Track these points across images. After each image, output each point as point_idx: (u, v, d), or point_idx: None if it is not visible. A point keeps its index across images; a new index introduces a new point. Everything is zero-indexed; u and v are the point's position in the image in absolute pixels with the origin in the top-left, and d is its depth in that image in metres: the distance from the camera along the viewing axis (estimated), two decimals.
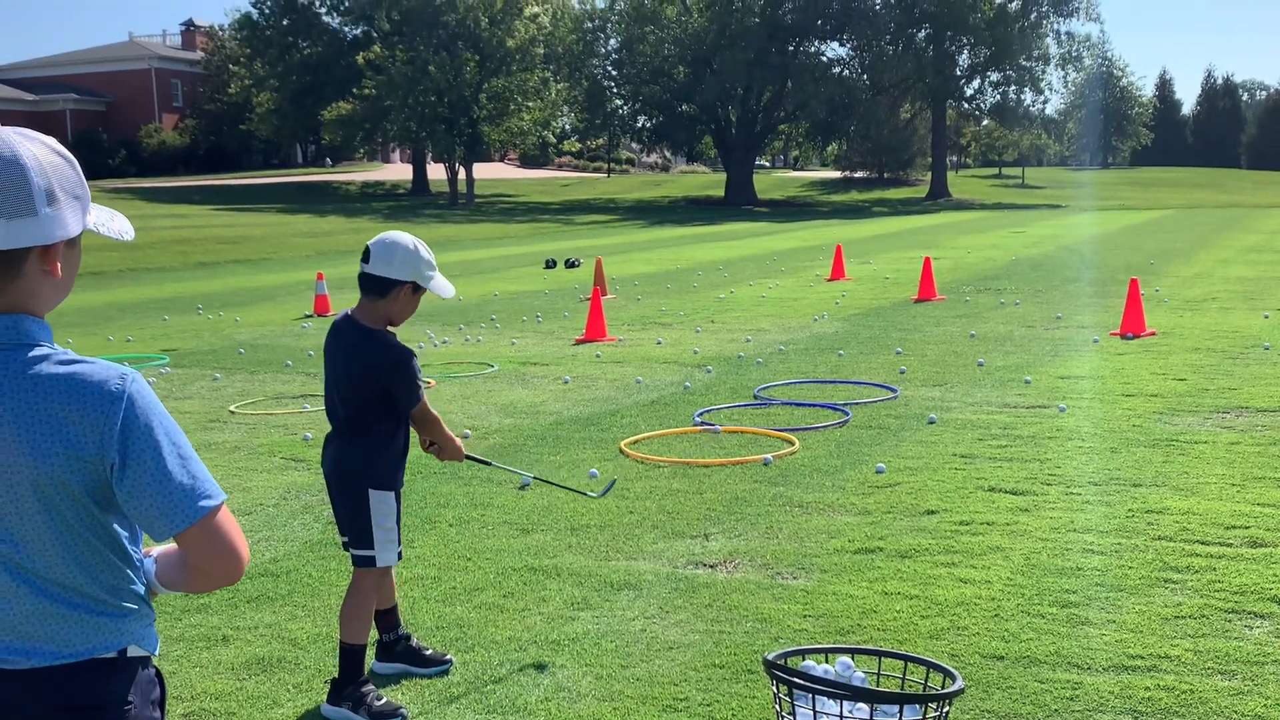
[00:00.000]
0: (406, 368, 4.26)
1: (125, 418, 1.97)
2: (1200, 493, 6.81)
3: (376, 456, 4.32)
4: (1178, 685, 4.31)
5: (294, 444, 8.87)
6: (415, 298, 4.34)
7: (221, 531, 2.04)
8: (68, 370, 1.99)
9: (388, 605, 4.68)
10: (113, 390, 1.98)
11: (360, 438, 4.33)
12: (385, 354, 4.27)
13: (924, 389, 10.37)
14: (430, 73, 56.48)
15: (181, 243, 34.61)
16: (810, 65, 65.12)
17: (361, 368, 4.29)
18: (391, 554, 4.38)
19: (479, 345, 14.04)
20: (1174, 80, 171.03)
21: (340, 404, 4.36)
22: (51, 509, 1.99)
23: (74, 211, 2.03)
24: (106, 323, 17.56)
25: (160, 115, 74.08)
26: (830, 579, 5.58)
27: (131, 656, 2.10)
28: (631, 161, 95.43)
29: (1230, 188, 72.28)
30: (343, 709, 4.26)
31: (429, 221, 47.28)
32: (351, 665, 4.31)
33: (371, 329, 4.32)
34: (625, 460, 8.07)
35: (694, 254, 29.81)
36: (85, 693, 2.04)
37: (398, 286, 4.27)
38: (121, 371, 2.02)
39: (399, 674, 4.65)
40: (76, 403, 1.96)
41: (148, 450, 1.98)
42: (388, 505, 4.33)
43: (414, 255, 4.27)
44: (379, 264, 4.28)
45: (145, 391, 2.03)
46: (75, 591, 2.03)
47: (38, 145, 2.00)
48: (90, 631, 2.05)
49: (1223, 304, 15.99)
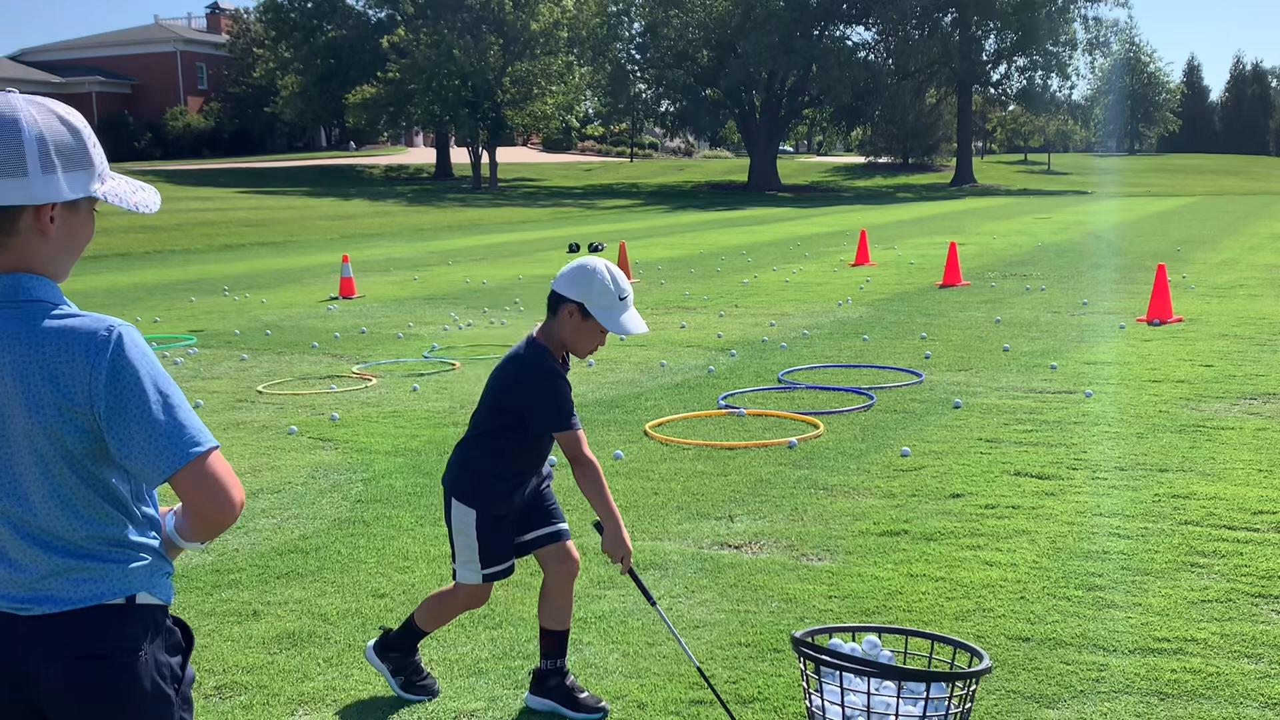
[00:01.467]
0: (545, 387, 3.95)
1: (112, 365, 2.03)
2: (1227, 478, 6.79)
3: (473, 468, 4.08)
4: (1204, 668, 4.32)
5: (322, 424, 8.93)
6: (588, 326, 3.97)
7: (212, 474, 2.07)
8: (60, 323, 2.05)
9: (560, 626, 4.22)
10: (99, 339, 2.04)
11: (469, 445, 4.13)
12: (526, 366, 4.01)
13: (949, 374, 10.35)
14: (454, 56, 56.48)
15: (206, 225, 34.78)
16: (835, 49, 64.76)
17: (506, 374, 4.08)
18: (472, 573, 4.08)
19: (504, 329, 14.09)
20: (1202, 66, 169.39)
21: (479, 412, 4.18)
22: (45, 462, 2.05)
23: (73, 177, 2.08)
24: (133, 304, 17.68)
25: (185, 98, 74.40)
26: (855, 560, 5.60)
27: (142, 604, 2.14)
28: (654, 146, 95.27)
29: (1259, 175, 71.68)
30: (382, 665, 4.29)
31: (452, 205, 47.36)
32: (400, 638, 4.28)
33: (535, 339, 4.04)
34: (650, 442, 8.10)
35: (717, 239, 29.78)
36: (92, 639, 2.08)
37: (565, 305, 3.96)
38: (110, 322, 2.07)
39: (549, 711, 4.17)
40: (66, 352, 2.03)
41: (134, 397, 2.03)
42: (467, 521, 4.05)
43: (589, 277, 3.94)
44: (559, 279, 4.03)
45: (134, 340, 2.08)
46: (77, 543, 2.09)
47: (42, 111, 2.07)
48: (96, 579, 2.09)
49: (1251, 291, 15.89)
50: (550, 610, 4.19)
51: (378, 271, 22.01)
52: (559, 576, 4.18)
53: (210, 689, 4.40)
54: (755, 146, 66.20)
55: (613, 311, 3.96)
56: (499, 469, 4.04)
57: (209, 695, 4.35)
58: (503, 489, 4.05)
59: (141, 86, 74.03)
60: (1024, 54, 68.50)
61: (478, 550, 4.07)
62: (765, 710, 4.10)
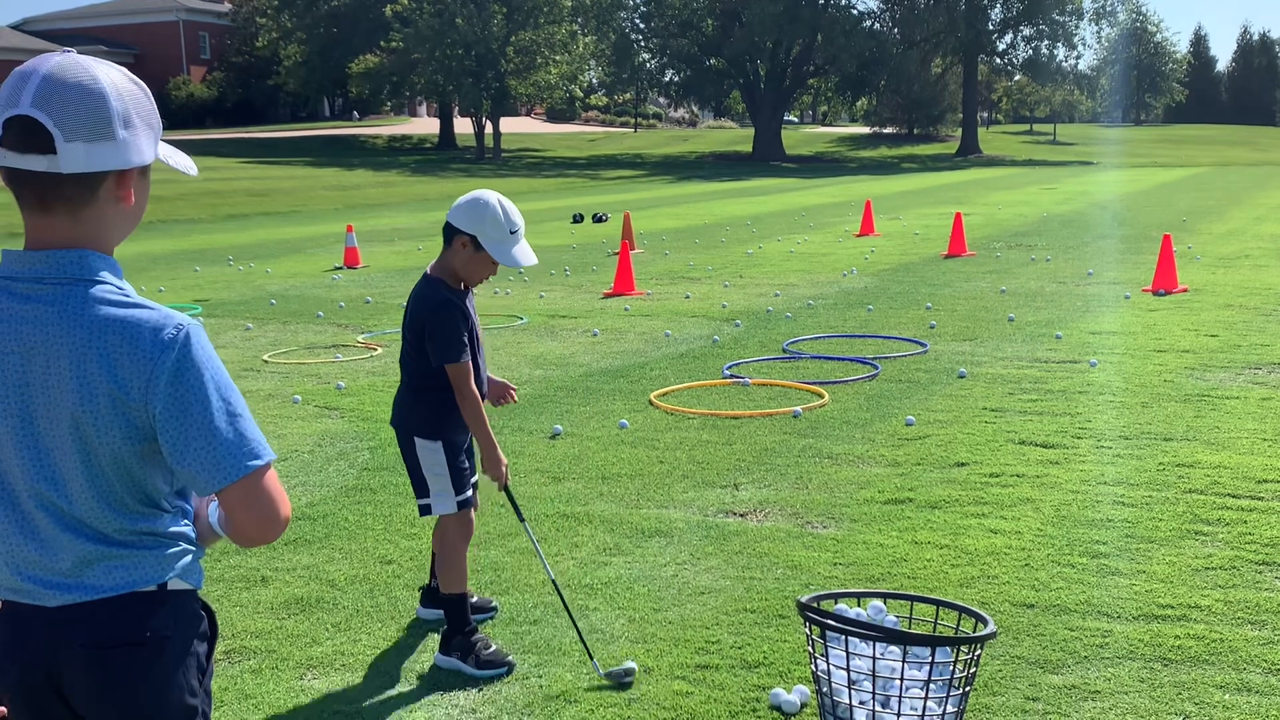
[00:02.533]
0: (436, 316, 4.17)
1: (176, 366, 1.94)
2: (1231, 447, 6.80)
3: (425, 405, 4.29)
4: (1207, 634, 4.34)
5: (328, 392, 8.95)
6: (479, 258, 4.20)
7: (264, 492, 1.99)
8: (126, 312, 1.95)
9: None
10: (166, 338, 1.94)
11: (408, 387, 4.35)
12: (423, 299, 4.23)
13: (954, 344, 10.35)
14: (458, 25, 56.16)
15: (210, 195, 34.74)
16: (841, 18, 64.34)
17: (409, 314, 4.29)
18: (447, 503, 4.30)
19: (508, 298, 14.09)
20: (1209, 37, 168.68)
21: (404, 352, 4.37)
22: (87, 452, 1.97)
23: (148, 138, 2.01)
24: (138, 273, 17.68)
25: (188, 67, 74.15)
26: (860, 528, 5.62)
27: (173, 590, 2.08)
28: (659, 116, 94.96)
29: (1265, 146, 71.36)
30: (452, 658, 4.27)
31: (456, 176, 47.27)
32: (455, 614, 4.30)
33: (431, 276, 4.27)
34: (655, 411, 8.11)
35: (722, 209, 29.72)
36: (125, 627, 2.02)
37: (458, 236, 4.20)
38: (180, 320, 1.97)
39: (439, 620, 4.63)
40: (129, 345, 1.93)
41: (195, 402, 1.94)
42: (435, 455, 4.26)
43: (482, 208, 4.17)
44: (453, 211, 4.24)
45: (201, 342, 1.98)
46: (109, 533, 2.02)
47: (115, 72, 1.99)
48: (128, 566, 2.03)
49: (1256, 261, 15.85)
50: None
51: (382, 241, 21.99)
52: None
53: (219, 654, 4.43)
54: (760, 117, 65.93)
55: (504, 244, 4.20)
56: (445, 400, 4.24)
57: (218, 660, 4.39)
58: (457, 417, 4.26)
59: (144, 56, 73.71)
60: (1030, 23, 68.11)
61: (450, 480, 4.30)
62: (771, 674, 4.13)
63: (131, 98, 1.99)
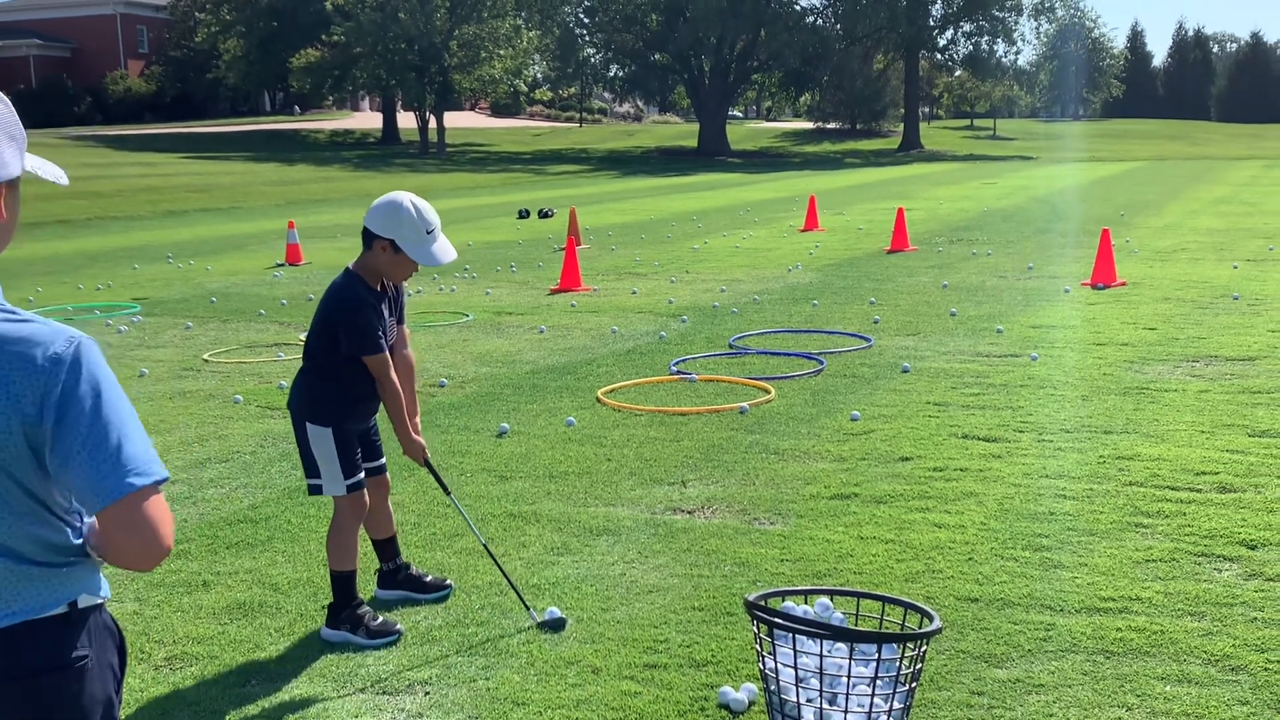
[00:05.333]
0: (350, 312, 4.36)
1: (66, 383, 1.90)
2: (1170, 439, 6.90)
3: (317, 392, 4.49)
4: (1149, 626, 4.40)
5: (270, 392, 8.85)
6: (399, 259, 4.39)
7: (143, 515, 1.91)
8: (16, 329, 1.92)
9: (385, 535, 4.89)
10: (57, 353, 1.91)
11: (308, 373, 4.55)
12: (337, 293, 4.42)
13: (898, 338, 10.43)
14: (400, 19, 55.75)
15: (149, 191, 34.22)
16: (784, 14, 64.63)
17: (322, 305, 4.49)
18: (337, 485, 4.49)
19: (453, 295, 14.00)
20: (1145, 32, 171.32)
21: (309, 339, 4.58)
22: None
23: (13, 151, 1.98)
24: (75, 271, 17.39)
25: (126, 62, 73.00)
26: (806, 524, 5.64)
27: (83, 607, 2.03)
28: (604, 111, 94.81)
29: (1200, 140, 72.59)
30: (341, 631, 4.48)
31: (399, 171, 46.93)
32: (342, 590, 4.52)
33: (352, 271, 4.48)
34: (602, 409, 8.09)
35: (667, 205, 29.74)
36: (39, 655, 1.97)
37: (377, 241, 4.38)
38: (70, 335, 1.94)
39: (400, 600, 4.83)
40: (21, 362, 1.89)
41: (83, 418, 1.90)
42: (325, 439, 4.45)
43: (396, 212, 4.34)
44: (369, 216, 4.42)
45: (93, 359, 1.94)
46: (14, 548, 1.95)
47: None
48: (36, 589, 1.97)
49: (1192, 255, 16.11)
50: (382, 523, 4.85)
51: (324, 238, 21.77)
52: (377, 497, 4.77)
53: (160, 660, 4.37)
54: (704, 112, 66.04)
55: (422, 245, 4.36)
56: (340, 388, 4.46)
57: (159, 666, 4.32)
58: (349, 407, 4.50)
59: (80, 50, 72.53)
60: (970, 19, 68.76)
61: (339, 464, 4.48)
62: (719, 673, 4.13)
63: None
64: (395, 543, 4.93)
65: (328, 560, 4.60)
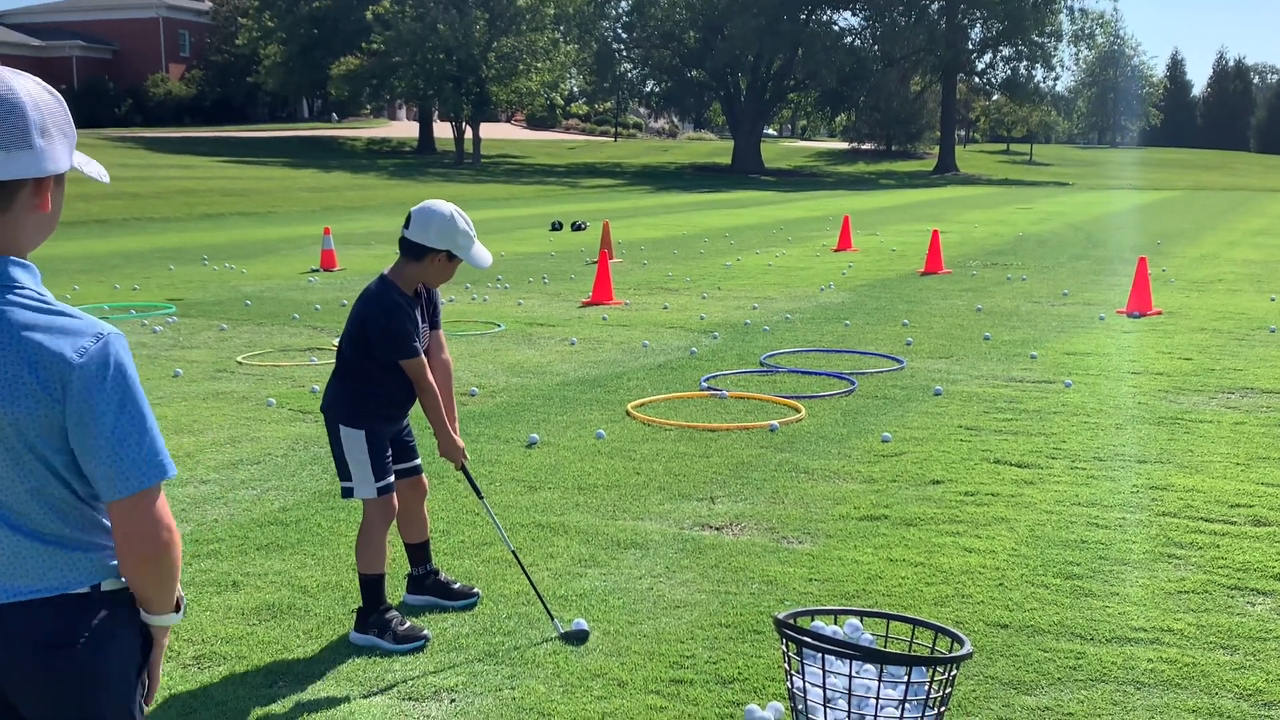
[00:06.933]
0: (386, 319, 4.42)
1: (93, 374, 1.99)
2: (1205, 471, 6.84)
3: (351, 395, 4.53)
4: (1180, 658, 4.35)
5: (302, 395, 8.90)
6: (451, 265, 4.51)
7: (153, 510, 2.05)
8: (49, 319, 2.01)
9: (419, 540, 4.93)
10: (84, 345, 2.00)
11: (341, 377, 4.59)
12: (372, 300, 4.47)
13: (930, 361, 10.38)
14: (439, 30, 56.11)
15: (186, 193, 34.53)
16: (822, 34, 64.66)
17: (356, 310, 4.53)
18: (368, 487, 4.53)
19: (485, 305, 14.05)
20: (1185, 61, 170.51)
21: (342, 343, 4.63)
22: (14, 451, 2.01)
23: (64, 147, 2.06)
24: (111, 270, 17.55)
25: (167, 65, 73.70)
26: (835, 544, 5.62)
27: (107, 591, 2.11)
28: (639, 126, 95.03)
29: (1238, 170, 72.04)
30: (368, 635, 4.50)
31: (434, 181, 47.16)
32: (371, 595, 4.55)
33: (387, 278, 4.53)
34: (631, 422, 8.09)
35: (700, 221, 29.76)
36: (57, 628, 2.05)
37: (432, 254, 4.45)
38: (99, 329, 2.03)
39: (427, 606, 4.87)
40: (50, 350, 1.98)
41: (106, 411, 2.00)
42: (358, 442, 4.50)
43: (450, 224, 4.43)
44: (417, 231, 4.45)
45: (119, 353, 2.03)
46: (43, 529, 2.05)
47: (29, 82, 2.04)
48: (63, 566, 2.06)
49: (1230, 285, 15.99)
50: (416, 528, 4.90)
51: (359, 244, 21.90)
52: (413, 500, 4.85)
53: (189, 659, 4.39)
54: (739, 129, 66.11)
55: (473, 249, 4.50)
56: (372, 390, 4.53)
57: (187, 665, 4.34)
58: (381, 409, 4.56)
59: (122, 52, 73.29)
60: (1009, 44, 68.61)
61: (371, 466, 4.52)
62: (745, 690, 4.11)
63: (48, 108, 2.04)
64: (428, 548, 4.97)
65: (357, 564, 4.62)
